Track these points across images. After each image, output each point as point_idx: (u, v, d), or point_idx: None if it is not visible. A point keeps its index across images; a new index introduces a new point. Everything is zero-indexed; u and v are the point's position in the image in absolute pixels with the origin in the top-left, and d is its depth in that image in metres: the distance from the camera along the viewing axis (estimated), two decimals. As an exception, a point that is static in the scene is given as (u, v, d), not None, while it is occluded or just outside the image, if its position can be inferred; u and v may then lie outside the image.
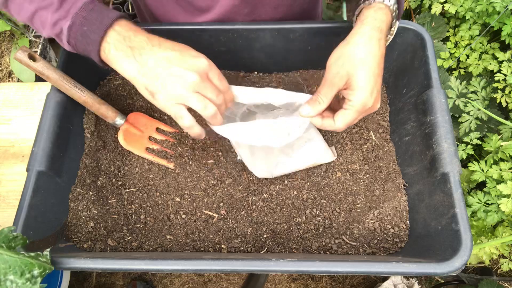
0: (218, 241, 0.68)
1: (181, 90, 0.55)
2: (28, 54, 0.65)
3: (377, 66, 0.57)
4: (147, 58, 0.55)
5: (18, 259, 0.48)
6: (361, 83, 0.56)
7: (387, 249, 0.67)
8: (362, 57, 0.56)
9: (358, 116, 0.58)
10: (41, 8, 0.58)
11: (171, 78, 0.55)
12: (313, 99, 0.59)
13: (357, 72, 0.56)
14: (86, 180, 0.72)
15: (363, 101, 0.56)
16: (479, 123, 0.94)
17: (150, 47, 0.56)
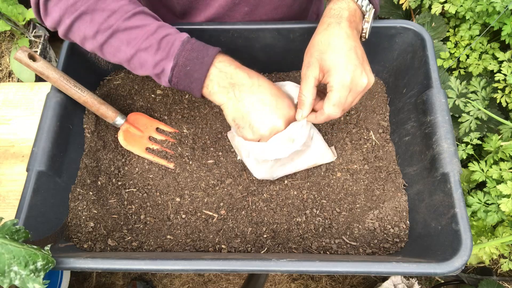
0: (218, 241, 0.68)
1: (264, 132, 0.61)
2: (28, 54, 0.65)
3: (343, 44, 0.58)
4: (244, 96, 0.60)
5: (23, 249, 0.48)
6: (331, 62, 0.58)
7: (387, 249, 0.67)
8: (324, 41, 0.59)
9: (343, 95, 0.58)
10: (140, 50, 0.60)
11: (259, 120, 0.60)
12: (298, 101, 0.62)
13: (324, 55, 0.58)
14: (86, 180, 0.72)
15: (340, 78, 0.57)
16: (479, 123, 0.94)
17: (249, 86, 0.60)
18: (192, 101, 0.83)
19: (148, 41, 0.59)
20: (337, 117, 0.60)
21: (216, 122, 0.80)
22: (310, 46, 0.62)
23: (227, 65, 0.60)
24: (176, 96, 0.83)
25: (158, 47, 0.59)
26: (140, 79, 0.83)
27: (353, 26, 0.61)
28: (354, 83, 0.58)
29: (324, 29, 0.60)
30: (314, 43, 0.61)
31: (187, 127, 0.80)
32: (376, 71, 0.84)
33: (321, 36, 0.60)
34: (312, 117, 0.62)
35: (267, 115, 0.60)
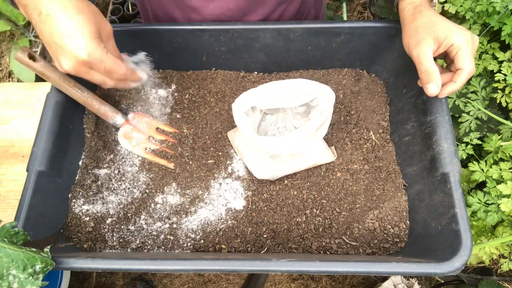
0: (218, 241, 0.68)
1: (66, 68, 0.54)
2: (28, 54, 0.65)
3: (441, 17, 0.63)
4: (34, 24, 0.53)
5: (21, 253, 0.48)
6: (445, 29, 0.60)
7: (387, 249, 0.67)
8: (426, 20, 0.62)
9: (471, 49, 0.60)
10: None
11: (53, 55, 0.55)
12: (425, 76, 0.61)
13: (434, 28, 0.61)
14: (86, 180, 0.72)
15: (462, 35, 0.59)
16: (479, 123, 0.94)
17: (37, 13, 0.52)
18: (192, 101, 0.83)
19: None
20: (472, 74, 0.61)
21: (216, 122, 0.80)
22: (412, 30, 0.63)
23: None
24: (176, 96, 0.83)
25: None
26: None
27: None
28: (473, 39, 0.61)
29: (419, 15, 0.63)
30: (416, 26, 0.63)
31: (187, 127, 0.80)
32: (376, 71, 0.84)
33: (420, 20, 0.63)
34: (453, 86, 0.61)
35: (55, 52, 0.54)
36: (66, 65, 0.53)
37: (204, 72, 0.86)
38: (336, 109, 0.81)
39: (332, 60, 0.83)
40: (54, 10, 0.51)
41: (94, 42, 0.53)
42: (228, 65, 0.85)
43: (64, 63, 0.53)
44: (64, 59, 0.53)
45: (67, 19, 0.51)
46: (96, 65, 0.55)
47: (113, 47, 0.60)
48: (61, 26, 0.51)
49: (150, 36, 0.77)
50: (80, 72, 0.55)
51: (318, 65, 0.84)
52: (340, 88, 0.83)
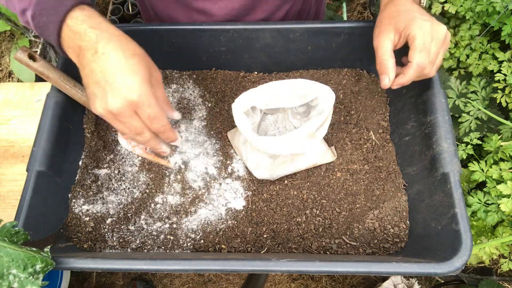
0: (218, 241, 0.68)
1: (100, 111, 0.53)
2: (28, 54, 0.65)
3: (411, 7, 0.61)
4: (86, 64, 0.52)
5: (22, 252, 0.48)
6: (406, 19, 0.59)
7: (387, 249, 0.67)
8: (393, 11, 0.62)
9: (427, 40, 0.58)
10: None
11: (95, 97, 0.53)
12: (380, 67, 0.61)
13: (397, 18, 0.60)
14: (86, 180, 0.72)
15: (419, 24, 0.58)
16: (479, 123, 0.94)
17: (92, 52, 0.52)
18: (192, 101, 0.83)
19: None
20: (427, 69, 0.59)
21: (216, 122, 0.80)
22: (378, 22, 0.63)
23: (78, 23, 0.52)
24: (176, 96, 0.83)
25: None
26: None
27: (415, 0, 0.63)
28: (434, 30, 0.58)
29: (390, 5, 0.62)
30: (382, 17, 0.62)
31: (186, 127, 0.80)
32: (376, 71, 0.84)
33: (388, 10, 0.62)
34: (401, 78, 0.61)
35: (102, 92, 0.52)
36: (113, 104, 0.51)
37: (204, 72, 0.86)
38: (336, 109, 0.81)
39: (332, 60, 0.83)
40: (111, 50, 0.51)
41: (146, 86, 0.52)
42: (228, 65, 0.85)
43: (111, 102, 0.51)
44: (113, 98, 0.51)
45: (122, 60, 0.51)
46: (142, 109, 0.53)
47: (162, 94, 0.58)
48: (115, 65, 0.51)
49: (150, 36, 0.77)
50: (123, 115, 0.52)
51: (318, 65, 0.84)
52: (340, 88, 0.83)
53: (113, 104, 0.51)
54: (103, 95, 0.52)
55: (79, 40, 0.52)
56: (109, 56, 0.51)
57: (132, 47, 0.54)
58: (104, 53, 0.51)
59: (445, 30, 0.59)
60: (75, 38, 0.52)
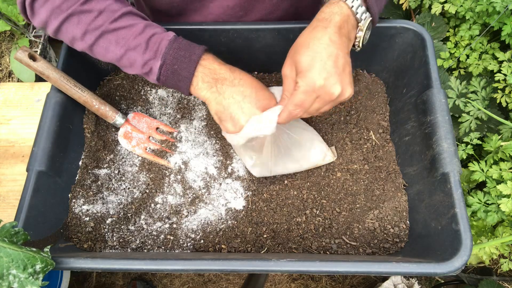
0: (218, 241, 0.68)
1: (244, 123, 0.60)
2: (29, 54, 0.65)
3: (323, 49, 0.55)
4: (225, 89, 0.60)
5: (21, 252, 0.48)
6: (304, 64, 0.56)
7: (387, 249, 0.67)
8: (304, 42, 0.57)
9: (308, 98, 0.56)
10: (129, 50, 0.61)
11: (239, 111, 0.60)
12: (281, 99, 0.62)
13: (300, 57, 0.56)
14: (86, 180, 0.72)
15: (308, 80, 0.55)
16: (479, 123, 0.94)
17: (231, 79, 0.61)
18: (192, 101, 0.83)
19: (136, 40, 0.61)
20: (300, 116, 0.60)
21: (216, 122, 0.80)
22: (292, 47, 0.61)
23: (211, 62, 0.62)
24: (176, 96, 0.83)
25: (146, 46, 0.61)
26: (141, 79, 0.83)
27: (343, 33, 0.58)
28: (323, 90, 0.55)
29: (309, 32, 0.58)
30: (295, 44, 0.60)
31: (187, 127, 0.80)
32: (376, 71, 0.84)
33: (303, 38, 0.58)
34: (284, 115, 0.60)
35: (247, 105, 0.60)
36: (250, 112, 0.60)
37: (204, 72, 0.86)
38: (336, 109, 0.81)
39: (332, 60, 0.83)
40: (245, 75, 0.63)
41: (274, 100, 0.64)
42: (228, 65, 0.85)
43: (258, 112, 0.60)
44: (258, 109, 0.60)
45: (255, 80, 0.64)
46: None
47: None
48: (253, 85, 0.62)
49: (150, 36, 0.77)
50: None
51: (318, 65, 0.84)
52: (340, 88, 0.83)
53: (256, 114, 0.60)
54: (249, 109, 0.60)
55: (215, 75, 0.61)
56: (246, 81, 0.62)
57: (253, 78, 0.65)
58: (241, 79, 0.62)
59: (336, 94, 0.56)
60: (211, 73, 0.61)
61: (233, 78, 0.61)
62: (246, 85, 0.61)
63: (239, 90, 0.61)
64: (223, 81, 0.61)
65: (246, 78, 0.62)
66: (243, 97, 0.60)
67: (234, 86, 0.61)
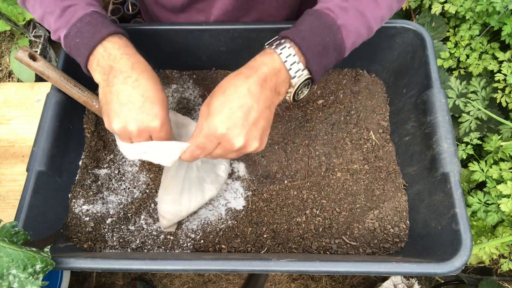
0: (218, 241, 0.68)
1: (115, 128, 0.56)
2: (29, 54, 0.65)
3: (236, 99, 0.52)
4: (115, 83, 0.56)
5: (21, 252, 0.48)
6: (212, 108, 0.53)
7: (387, 249, 0.67)
8: (222, 86, 0.55)
9: (207, 145, 0.54)
10: (46, 13, 0.61)
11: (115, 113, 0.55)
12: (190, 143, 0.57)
13: (212, 100, 0.54)
14: (86, 180, 0.72)
15: (209, 126, 0.53)
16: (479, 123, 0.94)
17: (126, 76, 0.56)
18: (192, 101, 0.83)
19: (55, 5, 0.59)
20: (204, 157, 0.57)
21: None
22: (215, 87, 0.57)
23: (116, 48, 0.57)
24: (176, 96, 0.83)
25: (61, 13, 0.59)
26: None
27: (267, 86, 0.54)
28: (225, 139, 0.53)
29: (231, 77, 0.55)
30: (217, 85, 0.56)
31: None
32: (376, 71, 0.84)
33: (224, 82, 0.55)
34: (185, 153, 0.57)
35: (125, 112, 0.55)
36: (133, 126, 0.55)
37: (204, 72, 0.86)
38: (336, 109, 0.81)
39: (332, 60, 0.83)
40: (145, 79, 0.56)
41: (167, 115, 0.57)
42: (228, 65, 0.85)
43: (132, 124, 0.55)
44: (135, 121, 0.55)
45: (153, 91, 0.56)
46: (156, 135, 0.57)
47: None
48: (147, 93, 0.55)
49: (150, 36, 0.77)
50: (141, 137, 0.57)
51: (318, 65, 0.84)
52: (340, 88, 0.83)
53: (133, 126, 0.55)
54: (126, 116, 0.55)
55: (112, 62, 0.56)
56: (142, 84, 0.56)
57: (159, 80, 0.59)
58: (137, 80, 0.55)
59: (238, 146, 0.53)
60: (109, 59, 0.57)
61: (128, 75, 0.55)
62: (137, 89, 0.55)
63: (127, 91, 0.55)
64: (118, 74, 0.56)
65: (142, 82, 0.56)
66: (127, 101, 0.55)
67: (125, 84, 0.55)
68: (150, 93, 0.56)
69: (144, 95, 0.55)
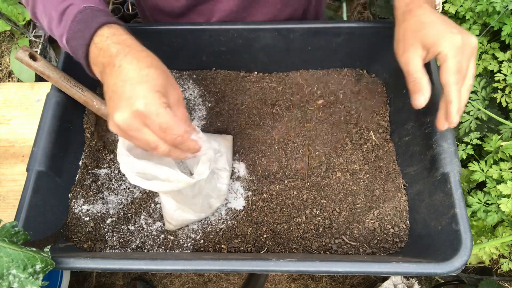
0: (218, 241, 0.68)
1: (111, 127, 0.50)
2: (29, 54, 0.65)
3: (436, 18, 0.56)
4: (108, 77, 0.51)
5: (21, 252, 0.48)
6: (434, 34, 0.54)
7: (387, 249, 0.67)
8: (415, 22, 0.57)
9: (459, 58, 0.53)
10: (51, 21, 0.57)
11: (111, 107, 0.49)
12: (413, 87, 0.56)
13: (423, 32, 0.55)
14: (86, 180, 0.72)
15: (450, 41, 0.53)
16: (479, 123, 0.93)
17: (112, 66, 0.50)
18: (192, 101, 0.83)
19: (55, 11, 0.56)
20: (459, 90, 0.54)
21: (216, 122, 0.80)
22: (401, 36, 0.58)
23: (104, 40, 0.52)
24: (176, 96, 0.83)
25: (59, 19, 0.55)
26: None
27: (431, 5, 0.59)
28: (465, 43, 0.53)
29: (410, 15, 0.58)
30: (404, 29, 0.58)
31: (187, 127, 0.80)
32: (376, 71, 0.84)
33: (409, 22, 0.57)
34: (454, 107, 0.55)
35: (112, 105, 0.49)
36: (119, 117, 0.47)
37: (204, 72, 0.86)
38: (336, 109, 0.81)
39: (332, 60, 0.83)
40: (127, 62, 0.49)
41: (155, 95, 0.48)
42: (228, 65, 0.85)
43: (117, 115, 0.47)
44: (119, 110, 0.47)
45: (135, 71, 0.49)
46: (151, 119, 0.48)
47: (182, 113, 0.52)
48: (127, 76, 0.48)
49: (150, 36, 0.77)
50: (132, 127, 0.48)
51: (318, 65, 0.84)
52: (340, 88, 0.83)
53: (118, 117, 0.47)
54: (112, 109, 0.48)
55: (102, 57, 0.51)
56: (123, 68, 0.49)
57: (150, 60, 0.51)
58: (120, 66, 0.49)
59: (475, 42, 0.55)
60: (100, 55, 0.52)
61: (113, 65, 0.50)
62: (120, 77, 0.49)
63: (111, 83, 0.49)
64: (107, 67, 0.51)
65: (125, 66, 0.49)
66: (112, 92, 0.49)
67: (110, 76, 0.50)
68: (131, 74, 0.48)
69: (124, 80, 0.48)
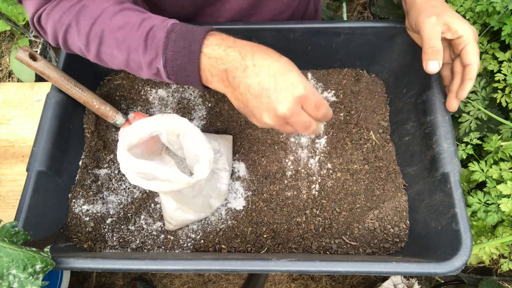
0: (218, 241, 0.68)
1: (269, 121, 0.51)
2: (29, 54, 0.65)
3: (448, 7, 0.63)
4: (239, 82, 0.50)
5: (21, 252, 0.48)
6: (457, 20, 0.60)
7: (387, 249, 0.67)
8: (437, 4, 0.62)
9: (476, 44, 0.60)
10: (131, 51, 0.55)
11: (258, 108, 0.50)
12: (428, 52, 0.60)
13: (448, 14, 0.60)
14: (86, 180, 0.72)
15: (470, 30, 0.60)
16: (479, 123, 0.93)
17: (243, 69, 0.50)
18: (192, 101, 0.83)
19: (135, 40, 0.54)
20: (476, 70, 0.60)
21: (216, 122, 0.80)
22: (422, 8, 0.62)
23: (215, 48, 0.51)
24: (176, 96, 0.83)
25: (145, 45, 0.53)
26: (140, 79, 0.83)
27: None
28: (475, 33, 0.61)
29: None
30: (427, 6, 0.62)
31: (187, 127, 0.80)
32: (376, 71, 0.84)
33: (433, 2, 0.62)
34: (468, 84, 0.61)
35: (265, 100, 0.50)
36: (283, 107, 0.49)
37: (204, 72, 0.86)
38: (336, 109, 0.81)
39: (332, 60, 0.83)
40: (261, 59, 0.50)
41: (304, 78, 0.51)
42: (228, 65, 0.85)
43: (281, 106, 0.49)
44: (280, 101, 0.49)
45: (275, 64, 0.50)
46: (309, 99, 0.50)
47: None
48: (271, 70, 0.50)
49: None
50: (294, 113, 0.50)
51: (318, 65, 0.84)
52: (340, 88, 0.83)
53: (283, 107, 0.49)
54: (269, 104, 0.50)
55: (222, 64, 0.51)
56: (262, 65, 0.50)
57: (272, 51, 0.53)
58: (255, 65, 0.50)
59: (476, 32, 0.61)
60: (218, 63, 0.51)
61: (245, 66, 0.50)
62: (261, 74, 0.50)
63: (254, 82, 0.49)
64: (235, 72, 0.50)
65: (261, 63, 0.50)
66: (261, 90, 0.49)
67: (247, 77, 0.50)
68: (274, 68, 0.50)
69: (271, 75, 0.50)
